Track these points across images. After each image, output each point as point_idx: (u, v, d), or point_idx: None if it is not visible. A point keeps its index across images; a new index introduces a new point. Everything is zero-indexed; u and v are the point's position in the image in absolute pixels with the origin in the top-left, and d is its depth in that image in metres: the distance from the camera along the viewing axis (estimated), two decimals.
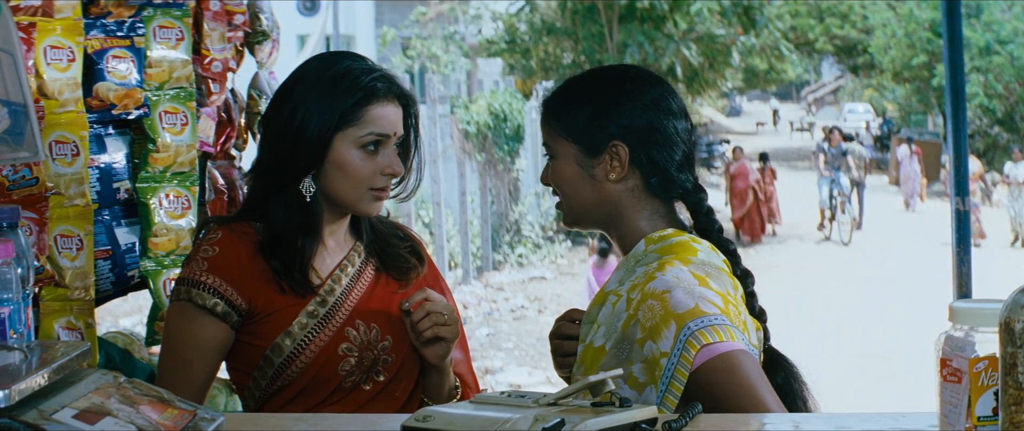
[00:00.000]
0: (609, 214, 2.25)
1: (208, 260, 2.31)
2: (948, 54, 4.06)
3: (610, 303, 2.19)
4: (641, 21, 21.34)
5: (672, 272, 2.12)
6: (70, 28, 2.56)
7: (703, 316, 2.07)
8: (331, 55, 2.42)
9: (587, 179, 2.24)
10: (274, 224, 2.33)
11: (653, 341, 2.08)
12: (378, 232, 2.49)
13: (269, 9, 3.24)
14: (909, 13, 29.86)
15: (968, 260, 4.00)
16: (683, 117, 2.27)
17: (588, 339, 2.21)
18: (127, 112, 2.69)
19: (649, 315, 2.09)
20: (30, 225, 2.41)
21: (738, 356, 2.05)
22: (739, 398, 2.03)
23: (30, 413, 1.59)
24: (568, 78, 2.37)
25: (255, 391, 2.35)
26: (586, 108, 2.24)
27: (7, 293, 1.82)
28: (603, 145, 2.22)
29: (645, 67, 2.41)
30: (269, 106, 2.41)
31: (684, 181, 2.26)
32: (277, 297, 2.31)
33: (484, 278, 16.96)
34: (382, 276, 2.44)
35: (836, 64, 41.01)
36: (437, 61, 24.25)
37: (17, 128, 1.98)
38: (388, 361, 2.38)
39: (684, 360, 2.05)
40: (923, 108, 35.89)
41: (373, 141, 2.33)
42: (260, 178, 2.37)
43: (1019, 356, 1.51)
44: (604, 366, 2.13)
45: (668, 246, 2.21)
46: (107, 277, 2.74)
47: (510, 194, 19.96)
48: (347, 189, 2.33)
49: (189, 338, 2.31)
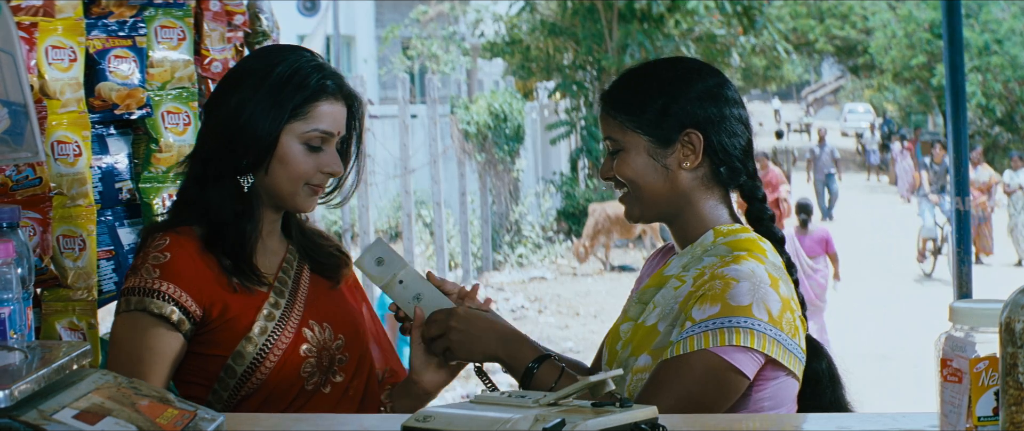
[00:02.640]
0: (678, 205, 2.28)
1: (160, 266, 2.27)
2: (948, 54, 4.06)
3: (671, 287, 2.23)
4: (640, 21, 21.33)
5: (749, 265, 2.16)
6: (71, 28, 2.55)
7: (748, 318, 2.10)
8: (279, 48, 2.41)
9: (659, 169, 2.26)
10: (213, 215, 2.30)
11: (692, 306, 2.13)
12: (305, 234, 2.48)
13: (269, 9, 3.24)
14: (909, 14, 29.87)
15: (968, 260, 4.00)
16: (742, 106, 2.31)
17: (640, 319, 2.25)
18: (129, 112, 2.69)
19: (708, 288, 2.13)
20: (34, 225, 2.40)
21: (723, 371, 2.09)
22: (654, 388, 2.10)
23: (30, 413, 1.59)
24: (626, 70, 2.38)
25: (215, 405, 2.29)
26: (657, 99, 2.26)
27: (7, 293, 1.82)
28: (676, 135, 2.25)
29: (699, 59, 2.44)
30: (213, 96, 2.39)
31: (748, 169, 2.30)
32: (232, 299, 2.28)
33: (484, 278, 16.97)
34: (316, 277, 2.44)
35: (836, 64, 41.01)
36: (437, 61, 24.25)
37: (17, 128, 1.98)
38: (343, 360, 2.37)
39: (704, 336, 2.09)
40: (923, 108, 35.91)
41: (318, 138, 2.31)
42: (199, 168, 2.34)
43: (1019, 356, 1.51)
44: (657, 345, 2.18)
45: (738, 241, 2.24)
46: (110, 277, 2.73)
47: (510, 194, 19.96)
48: (285, 183, 2.31)
49: (143, 351, 2.25)
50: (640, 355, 2.21)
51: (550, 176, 22.63)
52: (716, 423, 2.02)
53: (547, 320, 14.16)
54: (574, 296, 15.74)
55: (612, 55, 21.48)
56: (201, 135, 2.40)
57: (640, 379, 2.18)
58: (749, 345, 2.09)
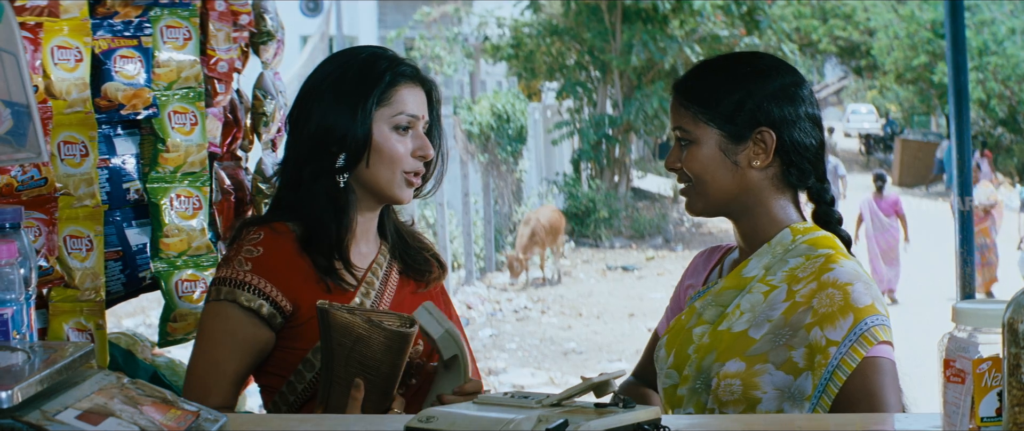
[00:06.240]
0: (745, 202, 2.25)
1: (252, 260, 2.29)
2: (951, 54, 4.06)
3: (758, 292, 2.21)
4: (644, 22, 21.33)
5: (849, 265, 2.17)
6: (77, 28, 2.56)
7: (877, 315, 2.13)
8: (347, 50, 2.45)
9: (729, 165, 2.23)
10: (310, 217, 2.33)
11: (822, 328, 2.12)
12: (402, 234, 2.50)
13: (274, 9, 3.24)
14: (911, 14, 29.84)
15: (971, 261, 4.00)
16: (817, 106, 2.29)
17: (722, 323, 2.22)
18: (136, 112, 2.69)
19: (827, 303, 2.12)
20: (40, 226, 2.41)
21: (892, 363, 2.13)
22: (874, 398, 2.10)
23: (33, 414, 1.59)
24: (702, 62, 2.37)
25: (289, 396, 2.31)
26: (733, 93, 2.23)
27: (10, 294, 1.82)
28: (749, 132, 2.22)
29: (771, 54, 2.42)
30: (294, 107, 2.42)
31: (818, 171, 2.28)
32: (323, 297, 2.28)
33: (487, 279, 16.96)
34: (405, 279, 2.44)
35: (839, 65, 40.98)
36: (440, 62, 24.24)
37: (20, 129, 1.97)
38: (420, 365, 2.36)
39: (854, 352, 2.10)
40: (925, 109, 35.88)
41: (405, 122, 2.35)
42: (294, 173, 2.36)
43: (1023, 357, 1.51)
44: (753, 352, 2.16)
45: (818, 239, 2.24)
46: (118, 278, 2.73)
47: (513, 195, 19.96)
48: (385, 172, 2.34)
49: (227, 339, 2.27)
50: (729, 360, 2.18)
51: (553, 177, 22.63)
52: (725, 423, 2.02)
53: (550, 321, 14.16)
54: (577, 297, 15.74)
55: (616, 55, 21.48)
56: (290, 144, 2.41)
57: (729, 384, 2.16)
58: (887, 339, 2.13)
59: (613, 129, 22.09)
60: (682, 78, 2.32)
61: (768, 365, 2.13)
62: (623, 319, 14.16)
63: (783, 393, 2.13)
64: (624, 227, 21.05)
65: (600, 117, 22.22)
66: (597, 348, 12.55)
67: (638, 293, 15.96)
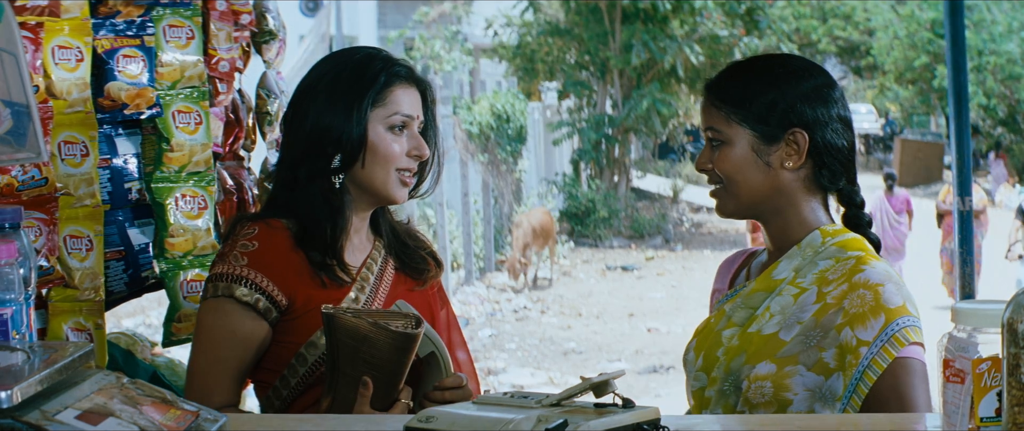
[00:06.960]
0: (775, 204, 2.25)
1: (248, 255, 2.30)
2: (950, 54, 4.06)
3: (788, 294, 2.20)
4: (644, 21, 21.32)
5: (880, 267, 2.17)
6: (78, 28, 2.56)
7: (909, 316, 2.13)
8: (344, 50, 2.47)
9: (761, 166, 2.23)
10: (305, 217, 2.34)
11: (852, 328, 2.12)
12: (397, 232, 2.50)
13: (276, 9, 3.24)
14: (911, 14, 29.82)
15: (971, 261, 4.00)
16: (848, 108, 2.28)
17: (752, 326, 2.21)
18: (139, 112, 2.69)
19: (858, 303, 2.13)
20: (40, 226, 2.41)
21: (922, 364, 2.12)
22: (904, 399, 2.09)
23: (33, 414, 1.59)
24: (735, 63, 2.36)
25: (282, 390, 2.33)
26: (766, 93, 2.23)
27: (9, 294, 1.82)
28: (781, 132, 2.22)
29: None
30: (289, 108, 2.43)
31: (849, 173, 2.27)
32: (317, 292, 2.31)
33: (487, 279, 16.96)
34: (400, 275, 2.45)
35: (839, 65, 40.98)
36: (439, 61, 24.23)
37: (20, 129, 1.97)
38: None
39: (885, 352, 2.09)
40: (925, 109, 35.87)
41: (400, 122, 2.36)
42: (289, 174, 2.37)
43: (1022, 357, 1.51)
44: (784, 354, 2.15)
45: (848, 241, 2.24)
46: (121, 278, 2.73)
47: (513, 195, 19.96)
48: (380, 172, 2.35)
49: (226, 335, 2.29)
50: (759, 363, 2.17)
51: (553, 177, 22.63)
52: (728, 423, 2.03)
53: (549, 321, 14.16)
54: (577, 297, 15.74)
55: (616, 55, 21.47)
56: (285, 145, 2.43)
57: (760, 386, 2.16)
58: (918, 340, 2.13)
59: (613, 129, 22.09)
60: (714, 78, 2.31)
61: (799, 367, 2.13)
62: (623, 319, 14.17)
63: (814, 394, 2.13)
64: (624, 227, 21.05)
65: (600, 117, 22.22)
66: (597, 348, 12.55)
67: (638, 293, 15.96)
